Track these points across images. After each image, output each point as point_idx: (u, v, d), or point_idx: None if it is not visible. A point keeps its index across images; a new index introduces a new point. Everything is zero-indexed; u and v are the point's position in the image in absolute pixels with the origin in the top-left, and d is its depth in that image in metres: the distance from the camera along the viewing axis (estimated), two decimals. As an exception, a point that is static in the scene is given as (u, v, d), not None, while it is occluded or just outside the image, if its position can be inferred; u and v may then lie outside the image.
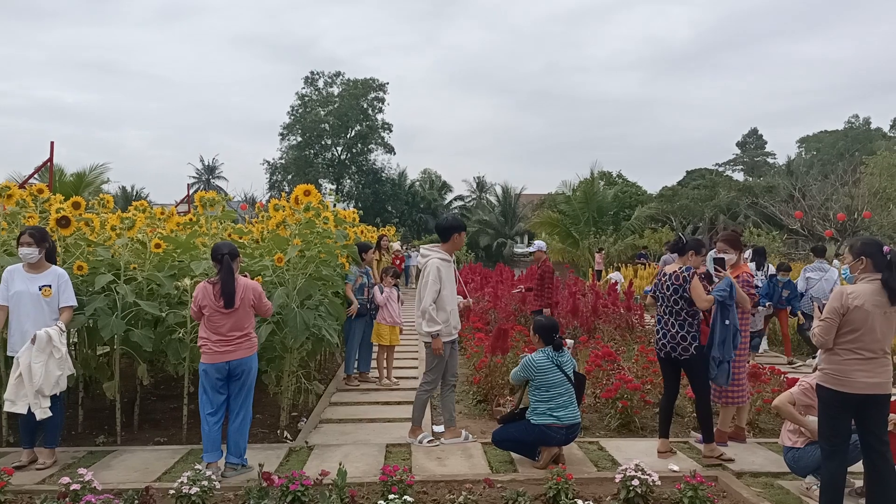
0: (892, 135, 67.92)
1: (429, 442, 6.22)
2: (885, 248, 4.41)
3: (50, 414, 5.34)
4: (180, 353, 6.15)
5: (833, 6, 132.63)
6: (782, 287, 11.29)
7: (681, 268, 5.81)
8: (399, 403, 7.81)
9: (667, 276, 5.86)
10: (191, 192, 16.56)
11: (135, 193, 52.62)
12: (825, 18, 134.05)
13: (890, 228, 26.01)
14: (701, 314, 5.83)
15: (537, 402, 5.66)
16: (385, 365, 8.87)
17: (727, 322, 5.69)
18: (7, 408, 5.29)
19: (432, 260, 6.21)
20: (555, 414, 5.57)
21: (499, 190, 52.85)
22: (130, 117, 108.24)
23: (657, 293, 5.98)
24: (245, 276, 5.68)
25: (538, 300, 10.48)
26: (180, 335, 6.07)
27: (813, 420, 4.90)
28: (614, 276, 19.74)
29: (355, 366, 8.84)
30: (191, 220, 7.55)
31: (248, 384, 5.41)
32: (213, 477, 4.55)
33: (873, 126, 72.19)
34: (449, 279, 6.21)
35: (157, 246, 6.28)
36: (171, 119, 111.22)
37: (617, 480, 4.72)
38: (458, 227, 6.39)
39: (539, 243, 10.98)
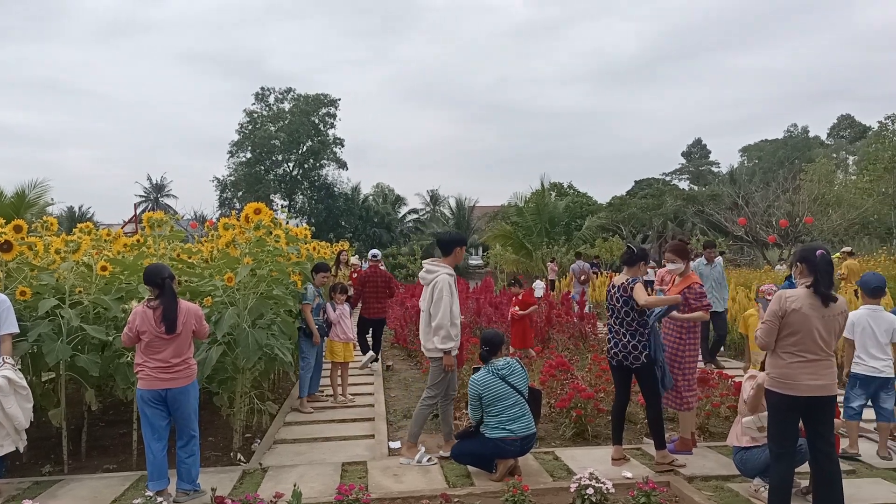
0: (829, 143, 70.32)
1: (428, 461, 6.08)
2: (818, 253, 4.56)
3: (26, 443, 5.45)
4: (129, 378, 6.00)
5: (771, 20, 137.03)
6: None
7: (627, 279, 5.94)
8: (354, 421, 7.76)
9: (616, 288, 5.98)
10: (138, 211, 16.25)
11: (80, 214, 51.43)
12: (763, 31, 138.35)
13: (830, 233, 26.88)
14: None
15: (490, 417, 5.70)
16: (340, 382, 8.81)
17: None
18: None
19: (442, 276, 6.13)
20: (507, 427, 5.62)
21: (452, 202, 53.12)
22: (75, 137, 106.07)
23: (608, 304, 6.09)
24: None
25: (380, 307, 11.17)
26: (128, 359, 5.94)
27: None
28: (537, 284, 20.19)
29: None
30: (138, 241, 7.42)
31: (191, 409, 5.27)
32: (165, 503, 4.46)
33: (811, 134, 74.70)
34: (455, 294, 6.23)
35: (104, 269, 6.16)
36: (117, 138, 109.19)
37: (572, 490, 4.77)
38: (460, 241, 6.40)
39: (374, 251, 12.00)
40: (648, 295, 5.87)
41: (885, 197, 35.80)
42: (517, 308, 10.41)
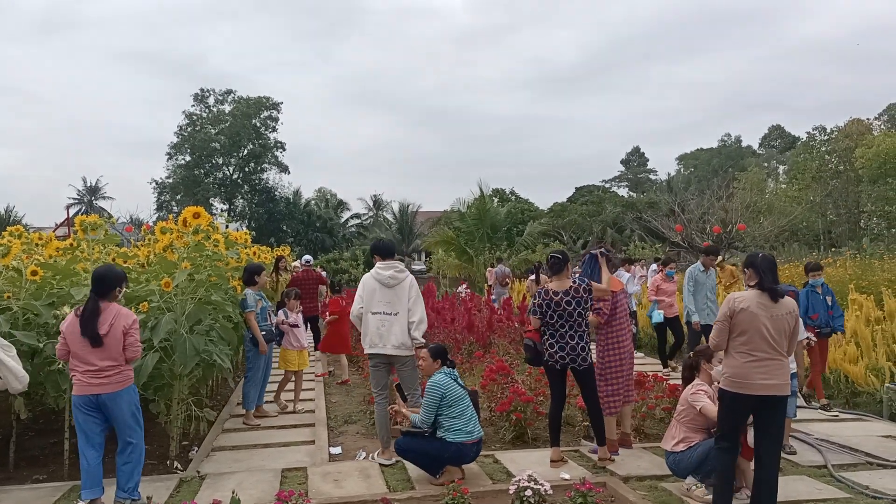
0: (761, 152, 72.78)
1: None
2: (760, 255, 4.88)
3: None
4: (60, 385, 5.84)
5: (703, 33, 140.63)
6: (823, 294, 8.11)
7: (576, 282, 6.09)
8: (295, 427, 7.71)
9: (561, 294, 6.02)
10: (71, 214, 15.80)
11: (9, 216, 49.60)
12: (700, 43, 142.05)
13: (762, 239, 27.78)
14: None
15: (452, 419, 5.68)
16: (294, 390, 8.65)
17: None
18: None
19: (412, 276, 6.53)
20: (467, 429, 5.67)
21: (395, 207, 53.03)
22: (3, 136, 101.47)
23: (548, 311, 6.06)
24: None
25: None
26: (59, 366, 5.78)
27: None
28: (461, 288, 20.67)
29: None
30: (71, 244, 7.22)
31: (127, 415, 5.10)
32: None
33: (744, 144, 77.18)
34: None
35: (34, 273, 5.98)
36: (48, 138, 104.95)
37: (511, 492, 4.84)
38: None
39: (307, 257, 13.33)
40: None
41: (812, 205, 37.31)
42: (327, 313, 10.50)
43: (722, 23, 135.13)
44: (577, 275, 6.62)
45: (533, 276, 7.29)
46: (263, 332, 7.78)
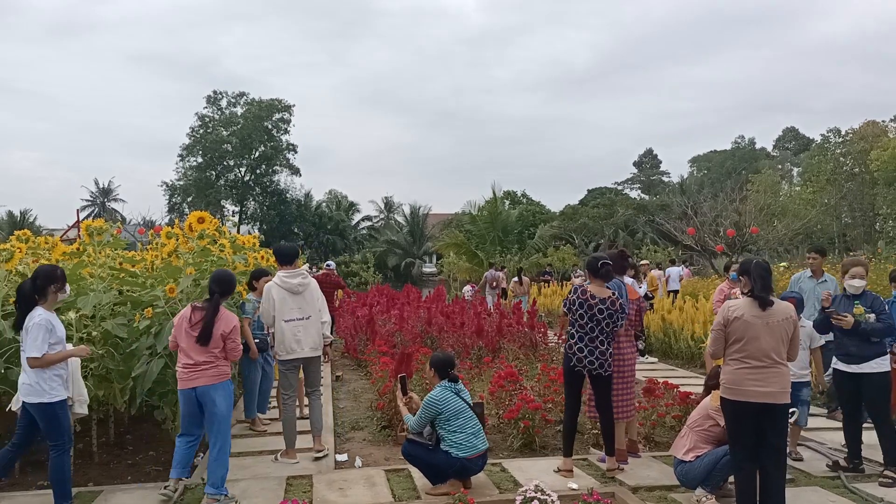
0: (775, 154, 72.32)
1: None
2: (754, 262, 4.82)
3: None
4: (65, 392, 5.81)
5: (717, 34, 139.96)
6: None
7: (614, 293, 6.05)
8: (301, 433, 7.59)
9: (598, 300, 5.93)
10: (83, 216, 15.85)
11: (22, 218, 49.96)
12: (713, 44, 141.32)
13: (775, 242, 27.56)
14: None
15: (453, 433, 5.58)
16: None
17: None
18: None
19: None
20: (470, 443, 5.57)
21: (407, 210, 53.07)
22: (17, 138, 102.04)
23: (580, 310, 5.96)
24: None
25: None
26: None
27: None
28: (466, 289, 20.54)
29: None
30: (78, 249, 7.20)
31: (219, 413, 5.33)
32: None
33: (758, 146, 76.64)
34: None
35: (39, 278, 5.95)
36: (62, 139, 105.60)
37: (517, 502, 4.77)
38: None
39: (329, 262, 13.88)
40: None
41: (827, 208, 37.01)
42: None
43: (736, 23, 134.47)
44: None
45: (516, 279, 7.28)
46: (257, 340, 7.61)
